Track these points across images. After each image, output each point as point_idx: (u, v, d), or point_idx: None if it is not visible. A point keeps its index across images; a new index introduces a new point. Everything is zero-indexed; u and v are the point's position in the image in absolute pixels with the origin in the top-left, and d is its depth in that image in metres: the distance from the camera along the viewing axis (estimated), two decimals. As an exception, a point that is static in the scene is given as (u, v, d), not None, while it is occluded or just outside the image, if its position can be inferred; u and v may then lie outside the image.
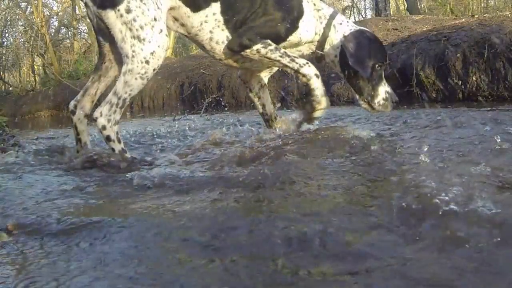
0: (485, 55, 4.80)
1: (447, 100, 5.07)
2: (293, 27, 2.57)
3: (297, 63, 2.55)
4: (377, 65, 2.57)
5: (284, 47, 2.62)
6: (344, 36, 2.60)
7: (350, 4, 19.66)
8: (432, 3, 14.34)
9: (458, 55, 5.02)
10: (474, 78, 4.90)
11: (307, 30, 2.61)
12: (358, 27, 2.68)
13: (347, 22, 2.70)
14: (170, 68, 9.71)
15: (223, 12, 2.50)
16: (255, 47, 2.50)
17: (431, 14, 10.68)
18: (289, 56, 2.55)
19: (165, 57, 2.46)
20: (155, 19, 2.31)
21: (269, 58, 2.54)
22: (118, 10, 2.26)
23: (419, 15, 9.48)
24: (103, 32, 2.42)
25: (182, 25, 2.56)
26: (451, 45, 5.17)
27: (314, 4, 2.63)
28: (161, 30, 2.34)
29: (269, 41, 2.52)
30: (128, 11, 2.26)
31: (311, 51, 2.73)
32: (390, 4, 11.80)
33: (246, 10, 2.51)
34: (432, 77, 5.23)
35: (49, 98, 11.64)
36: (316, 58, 2.75)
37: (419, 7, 12.80)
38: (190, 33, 2.60)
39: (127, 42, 2.29)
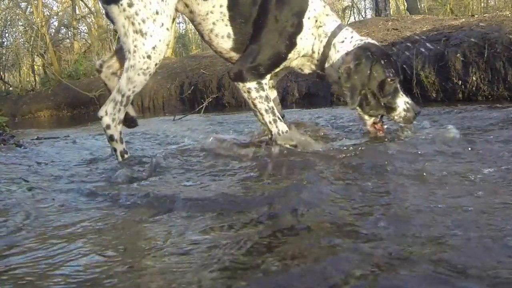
0: (485, 55, 4.80)
1: (447, 100, 5.08)
2: (292, 43, 2.47)
3: (277, 127, 2.45)
4: (389, 80, 2.41)
5: (284, 65, 2.55)
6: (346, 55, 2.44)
7: (350, 4, 19.65)
8: (432, 3, 14.33)
9: (458, 55, 5.03)
10: (474, 78, 4.91)
11: (304, 48, 2.52)
12: (363, 42, 2.47)
13: (351, 38, 2.50)
14: (170, 68, 9.71)
15: (229, 7, 2.44)
16: (248, 85, 2.43)
17: (431, 14, 10.68)
18: (274, 114, 2.45)
19: (165, 57, 2.43)
20: (157, 13, 2.29)
21: (253, 104, 2.45)
22: (121, 5, 2.27)
23: (419, 15, 9.47)
24: None
25: (191, 12, 2.52)
26: (451, 45, 5.17)
27: (316, 21, 2.49)
28: (163, 24, 2.31)
29: (264, 85, 2.44)
30: (130, 4, 2.26)
31: (311, 70, 2.65)
32: (390, 4, 11.80)
33: (250, 12, 2.45)
34: (432, 77, 5.23)
35: (49, 98, 11.63)
36: (318, 77, 2.69)
37: (419, 7, 12.80)
38: (195, 21, 2.55)
39: (129, 37, 2.29)
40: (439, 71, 5.18)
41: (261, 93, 2.44)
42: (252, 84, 2.43)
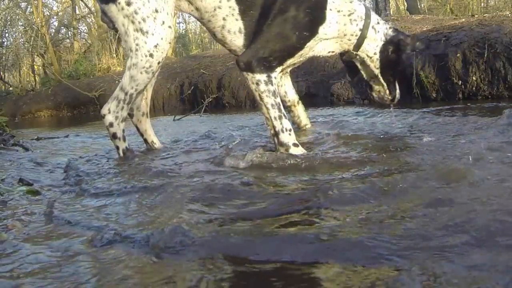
0: (485, 55, 4.80)
1: (447, 99, 5.07)
2: (312, 33, 2.41)
3: (281, 124, 2.36)
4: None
5: (302, 54, 2.47)
6: (395, 33, 2.61)
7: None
8: (432, 3, 14.34)
9: (458, 55, 5.02)
10: (474, 78, 4.91)
11: (326, 33, 2.46)
12: (392, 25, 2.70)
13: (380, 20, 2.65)
14: (170, 68, 9.70)
15: (238, 1, 2.37)
16: (257, 77, 2.34)
17: (431, 14, 10.68)
18: (280, 110, 2.37)
19: (165, 57, 2.40)
20: (156, 11, 2.27)
21: (260, 98, 2.37)
22: (119, 4, 2.25)
23: (419, 15, 9.48)
24: None
25: (197, 9, 2.45)
26: (451, 45, 5.17)
27: (339, 11, 2.46)
28: (164, 22, 2.29)
29: (273, 79, 2.37)
30: (129, 3, 2.24)
31: (342, 50, 2.61)
32: (390, 4, 11.80)
33: (262, 4, 2.37)
34: (432, 77, 5.23)
35: (49, 98, 11.61)
36: (347, 55, 2.65)
37: (419, 7, 12.80)
38: (203, 19, 2.48)
39: (130, 36, 2.28)
40: (439, 71, 5.18)
41: (270, 87, 2.35)
42: (262, 77, 2.34)
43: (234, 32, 2.43)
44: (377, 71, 2.66)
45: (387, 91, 2.72)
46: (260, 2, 2.39)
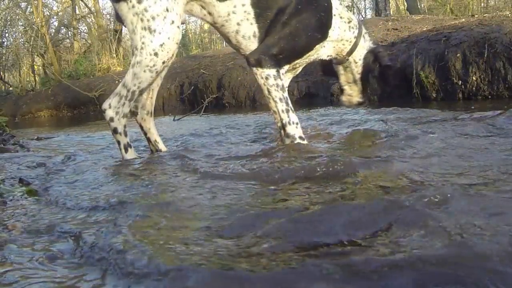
0: (485, 55, 4.80)
1: (447, 99, 5.08)
2: (322, 36, 2.55)
3: (288, 117, 2.44)
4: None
5: (309, 55, 2.57)
6: (375, 45, 2.84)
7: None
8: (432, 3, 14.34)
9: (458, 55, 5.03)
10: (474, 78, 4.91)
11: (330, 36, 2.59)
12: (371, 37, 2.90)
13: (365, 30, 2.83)
14: (170, 68, 9.56)
15: (253, 5, 2.39)
16: (266, 71, 2.42)
17: (431, 14, 10.68)
18: (288, 104, 2.45)
19: (172, 58, 2.38)
20: (167, 10, 2.26)
21: (268, 92, 2.44)
22: (130, 1, 2.25)
23: (419, 15, 9.49)
24: None
25: (209, 13, 2.45)
26: (451, 45, 5.17)
27: (341, 17, 2.62)
28: (173, 22, 2.28)
29: (282, 75, 2.46)
30: (139, 1, 2.24)
31: (336, 55, 2.72)
32: (390, 4, 11.82)
33: (277, 7, 2.41)
34: (432, 77, 5.24)
35: (49, 98, 11.62)
36: (339, 61, 2.78)
37: (419, 7, 12.81)
38: (217, 23, 2.48)
39: (137, 33, 2.26)
40: (439, 71, 5.18)
41: (278, 82, 2.43)
42: (271, 71, 2.42)
43: (249, 37, 2.46)
44: (358, 76, 2.85)
45: (360, 95, 2.92)
46: (276, 4, 2.43)
